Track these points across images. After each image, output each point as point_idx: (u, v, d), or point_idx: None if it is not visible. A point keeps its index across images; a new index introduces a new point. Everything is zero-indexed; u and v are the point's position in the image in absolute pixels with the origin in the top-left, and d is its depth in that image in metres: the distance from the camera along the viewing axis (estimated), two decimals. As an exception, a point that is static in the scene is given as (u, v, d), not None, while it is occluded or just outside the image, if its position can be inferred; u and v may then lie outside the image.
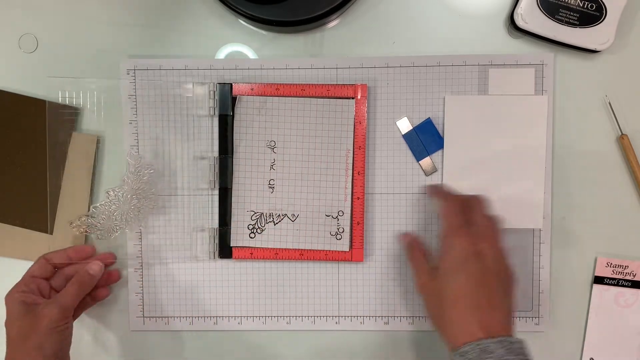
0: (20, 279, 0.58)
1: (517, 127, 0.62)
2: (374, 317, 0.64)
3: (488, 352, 0.48)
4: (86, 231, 0.63)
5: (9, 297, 0.56)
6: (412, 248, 0.61)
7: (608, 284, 0.63)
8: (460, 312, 0.51)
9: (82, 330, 0.65)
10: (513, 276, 0.54)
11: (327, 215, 0.63)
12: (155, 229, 0.64)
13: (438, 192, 0.60)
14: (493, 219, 0.56)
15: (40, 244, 0.64)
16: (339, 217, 0.63)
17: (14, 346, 0.54)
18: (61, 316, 0.55)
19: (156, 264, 0.64)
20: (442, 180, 0.63)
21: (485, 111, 0.62)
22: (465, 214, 0.56)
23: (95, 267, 0.59)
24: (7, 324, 0.56)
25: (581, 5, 0.60)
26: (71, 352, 0.65)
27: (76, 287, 0.58)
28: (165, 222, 0.64)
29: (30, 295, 0.57)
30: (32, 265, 0.59)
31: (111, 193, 0.62)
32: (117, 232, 0.63)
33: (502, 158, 0.62)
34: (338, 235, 0.63)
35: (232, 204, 0.63)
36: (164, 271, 0.64)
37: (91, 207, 0.63)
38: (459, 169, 0.62)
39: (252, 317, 0.64)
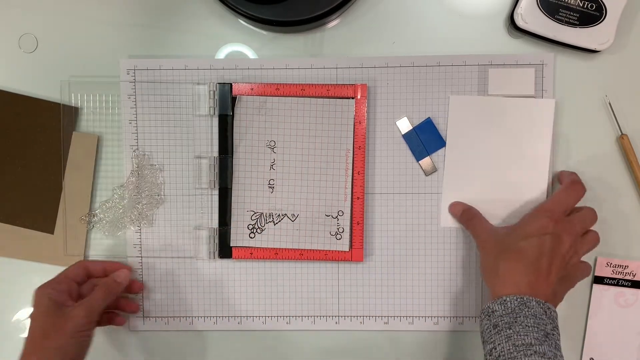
0: (52, 277, 0.58)
1: (522, 130, 0.61)
2: (374, 317, 0.64)
3: (527, 306, 0.51)
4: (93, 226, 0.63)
5: (39, 291, 0.56)
6: (472, 215, 0.60)
7: (608, 284, 0.63)
8: (515, 268, 0.53)
9: (82, 330, 0.65)
10: (576, 277, 0.57)
11: (327, 215, 0.63)
12: (155, 229, 0.64)
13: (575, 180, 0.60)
14: (593, 233, 0.58)
15: (42, 244, 0.64)
16: (338, 217, 0.63)
17: (35, 343, 0.54)
18: (87, 320, 0.55)
19: (156, 264, 0.64)
20: (442, 180, 0.62)
21: (490, 112, 0.61)
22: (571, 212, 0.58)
23: (122, 275, 0.59)
24: (33, 317, 0.55)
25: (581, 5, 0.60)
26: (71, 352, 0.65)
27: (103, 291, 0.57)
28: (165, 222, 0.64)
29: (61, 294, 0.56)
30: (68, 267, 0.59)
31: (117, 191, 0.63)
32: (121, 229, 0.63)
33: (505, 161, 0.62)
34: (338, 235, 0.63)
35: (232, 204, 0.63)
36: (164, 271, 0.64)
37: (100, 203, 0.63)
38: (460, 169, 0.62)
39: (252, 317, 0.64)
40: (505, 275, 0.54)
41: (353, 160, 0.62)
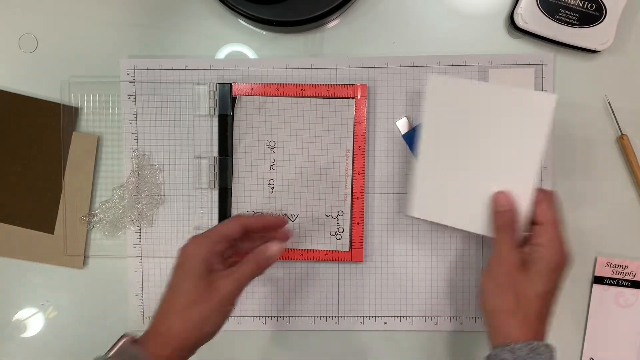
0: (207, 231, 0.52)
1: (515, 125, 0.53)
2: (374, 317, 0.64)
3: (537, 352, 0.48)
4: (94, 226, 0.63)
5: (194, 250, 0.50)
6: (510, 224, 0.52)
7: (608, 284, 0.63)
8: (530, 319, 0.50)
9: (81, 330, 0.65)
10: None
11: (327, 215, 0.63)
12: (155, 229, 0.64)
13: (544, 195, 0.53)
14: None
15: (42, 244, 0.64)
16: (338, 217, 0.63)
17: (176, 307, 0.49)
18: (235, 294, 0.50)
19: (156, 264, 0.64)
20: (415, 171, 0.57)
21: (479, 100, 0.54)
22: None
23: (274, 248, 0.52)
24: (179, 277, 0.50)
25: (581, 5, 0.60)
26: (70, 352, 0.66)
27: (252, 266, 0.51)
28: (165, 222, 0.64)
29: (215, 257, 0.50)
30: (225, 223, 0.53)
31: (117, 191, 0.63)
32: (121, 229, 0.63)
33: (491, 155, 0.54)
34: (338, 235, 0.63)
35: (232, 204, 0.63)
36: (164, 271, 0.64)
37: (100, 203, 0.63)
38: (437, 158, 0.56)
39: (252, 317, 0.64)
40: (514, 327, 0.50)
41: (353, 160, 0.62)
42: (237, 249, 0.55)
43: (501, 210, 0.52)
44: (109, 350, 0.48)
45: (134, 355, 0.47)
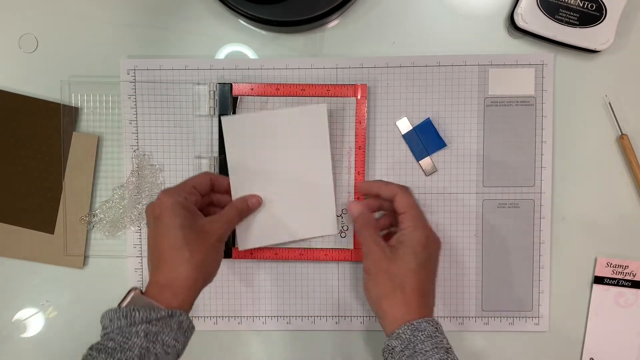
0: (177, 184, 0.55)
1: (302, 138, 0.60)
2: (374, 317, 0.64)
3: (420, 329, 0.50)
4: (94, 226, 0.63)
5: (170, 199, 0.51)
6: (367, 223, 0.57)
7: (608, 284, 0.63)
8: (407, 296, 0.52)
9: (81, 330, 0.65)
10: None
11: (327, 215, 0.63)
12: (155, 229, 0.64)
13: (390, 185, 0.58)
14: None
15: (42, 244, 0.64)
16: (342, 214, 0.63)
17: (175, 255, 0.50)
18: (224, 236, 0.53)
19: (156, 264, 0.64)
20: (234, 195, 0.60)
21: (271, 127, 0.60)
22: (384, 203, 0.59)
23: (253, 200, 0.59)
24: (168, 227, 0.51)
25: (581, 5, 0.60)
26: (70, 352, 0.66)
27: (236, 212, 0.57)
28: (165, 222, 0.64)
29: (192, 205, 0.53)
30: (194, 176, 0.57)
31: (117, 191, 0.63)
32: (122, 229, 0.63)
33: (290, 171, 0.60)
34: (342, 234, 0.63)
35: (232, 204, 0.63)
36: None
37: (100, 203, 0.63)
38: (246, 188, 0.60)
39: (252, 317, 0.64)
40: (396, 307, 0.52)
41: (354, 160, 0.62)
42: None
43: (355, 215, 0.58)
44: (121, 302, 0.49)
45: (148, 304, 0.48)
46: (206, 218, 0.53)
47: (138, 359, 0.46)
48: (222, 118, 0.60)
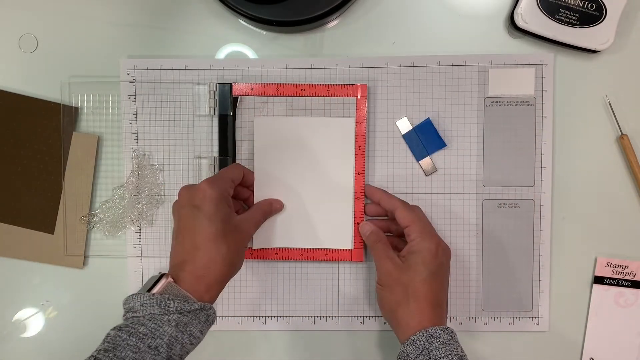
0: (217, 175, 0.56)
1: (328, 149, 0.61)
2: (374, 317, 0.64)
3: (434, 337, 0.51)
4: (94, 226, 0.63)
5: (214, 191, 0.52)
6: (378, 239, 0.59)
7: (608, 284, 0.63)
8: (421, 305, 0.53)
9: (81, 330, 0.65)
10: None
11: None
12: (155, 229, 0.64)
13: (392, 199, 0.60)
14: None
15: (42, 244, 0.64)
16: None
17: (209, 249, 0.51)
18: (251, 237, 0.56)
19: (156, 265, 0.64)
20: (257, 194, 0.61)
21: (295, 132, 0.61)
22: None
23: (278, 206, 0.61)
24: (197, 216, 0.51)
25: (581, 5, 0.60)
26: (70, 352, 0.66)
27: (261, 214, 0.58)
28: (165, 222, 0.64)
29: (231, 200, 0.55)
30: (229, 168, 0.58)
31: (117, 191, 0.63)
32: (122, 229, 0.63)
33: (313, 179, 0.62)
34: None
35: (232, 204, 0.63)
36: (164, 271, 0.64)
37: (100, 203, 0.63)
38: (269, 189, 0.62)
39: (252, 317, 0.64)
40: (412, 315, 0.53)
41: (354, 160, 0.62)
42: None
43: (367, 234, 0.60)
44: (152, 288, 0.50)
45: (183, 295, 0.49)
46: (239, 217, 0.55)
47: (166, 346, 0.47)
48: (255, 119, 0.61)
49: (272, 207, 0.60)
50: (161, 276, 0.50)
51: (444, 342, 0.51)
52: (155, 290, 0.49)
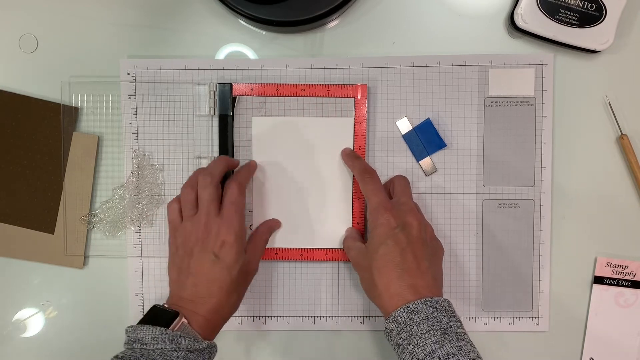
0: (209, 168, 0.58)
1: (327, 149, 0.62)
2: (374, 317, 0.64)
3: (415, 312, 0.50)
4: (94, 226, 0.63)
5: (238, 246, 0.55)
6: (347, 236, 0.61)
7: (608, 284, 0.63)
8: (389, 278, 0.53)
9: (81, 330, 0.65)
10: (440, 245, 0.57)
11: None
12: (155, 229, 0.64)
13: (366, 169, 0.59)
14: (413, 200, 0.58)
15: (42, 244, 0.64)
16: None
17: (221, 297, 0.54)
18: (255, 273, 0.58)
19: (156, 265, 0.64)
20: (253, 207, 0.63)
21: (294, 132, 0.62)
22: (390, 193, 0.59)
23: (277, 228, 0.62)
24: (223, 269, 0.54)
25: (581, 5, 0.60)
26: (70, 352, 0.66)
27: (263, 244, 0.60)
28: (165, 223, 0.63)
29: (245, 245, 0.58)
30: (215, 164, 0.58)
31: (117, 191, 0.63)
32: (122, 229, 0.63)
33: (312, 179, 0.62)
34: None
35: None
36: (164, 271, 0.64)
37: (100, 203, 0.63)
38: (268, 186, 0.62)
39: (252, 317, 0.64)
40: (385, 289, 0.52)
41: (353, 160, 0.62)
42: None
43: (343, 244, 0.62)
44: (168, 324, 0.51)
45: (193, 335, 0.52)
46: (249, 256, 0.57)
47: None
48: (254, 118, 0.61)
49: (272, 230, 0.62)
50: (173, 313, 0.52)
51: (425, 316, 0.49)
52: (171, 327, 0.51)
